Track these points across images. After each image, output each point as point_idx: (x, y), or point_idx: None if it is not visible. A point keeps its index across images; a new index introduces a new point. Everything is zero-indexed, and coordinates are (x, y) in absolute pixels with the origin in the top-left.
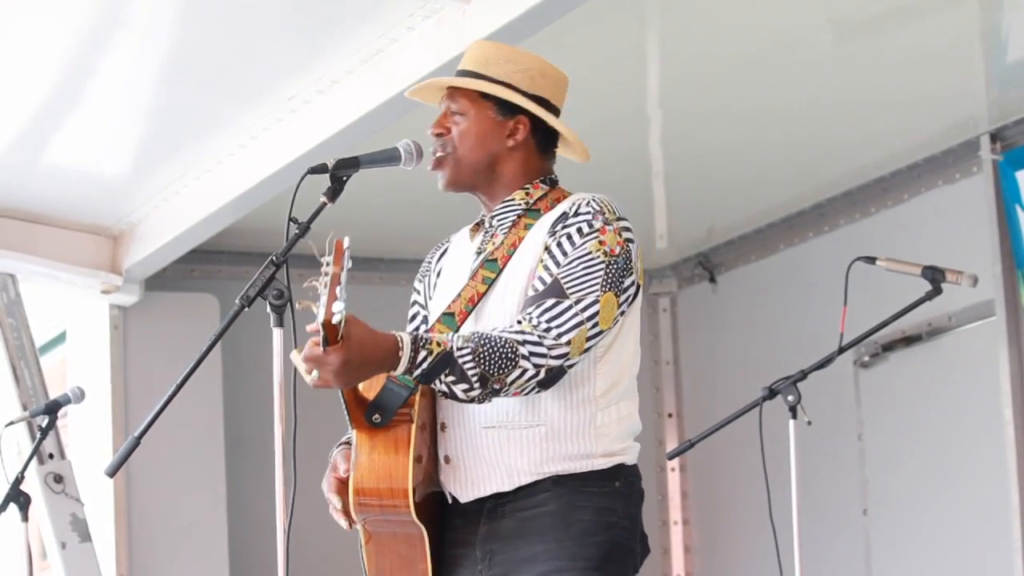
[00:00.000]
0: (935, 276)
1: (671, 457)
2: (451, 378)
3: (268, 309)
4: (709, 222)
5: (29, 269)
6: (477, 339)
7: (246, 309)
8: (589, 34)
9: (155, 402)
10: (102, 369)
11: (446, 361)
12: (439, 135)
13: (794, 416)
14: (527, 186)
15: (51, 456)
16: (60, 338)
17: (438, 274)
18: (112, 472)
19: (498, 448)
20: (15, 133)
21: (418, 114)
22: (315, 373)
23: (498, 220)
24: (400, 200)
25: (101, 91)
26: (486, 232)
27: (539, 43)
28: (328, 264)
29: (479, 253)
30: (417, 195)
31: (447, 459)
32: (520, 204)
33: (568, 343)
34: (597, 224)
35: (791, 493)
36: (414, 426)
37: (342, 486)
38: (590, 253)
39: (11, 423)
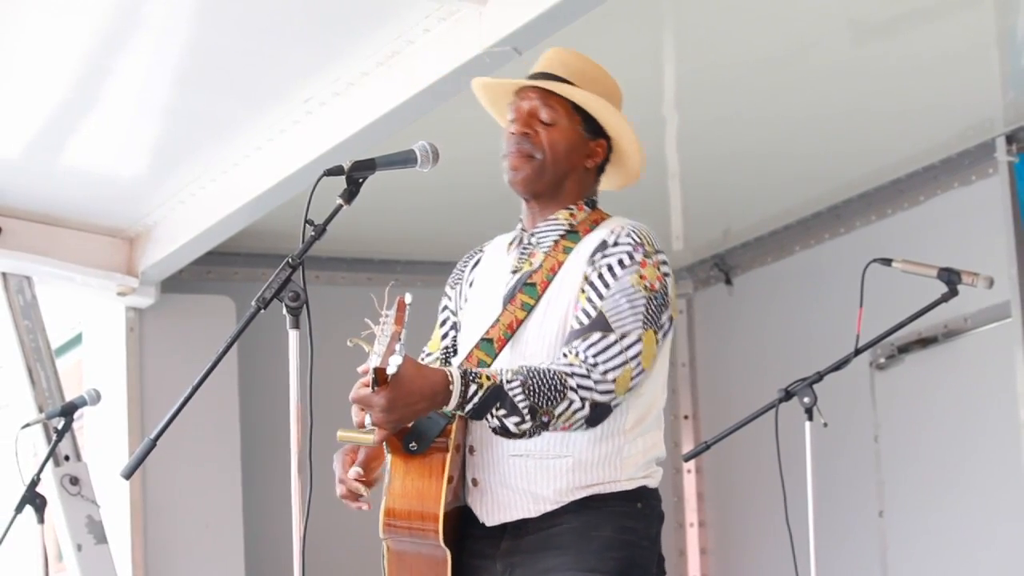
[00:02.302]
0: (951, 278)
1: (687, 459)
2: (502, 411)
3: (284, 311)
4: (725, 224)
5: (45, 271)
6: (526, 372)
7: (262, 311)
8: (605, 36)
9: (171, 404)
10: (118, 371)
11: (497, 394)
12: (524, 135)
13: (810, 418)
14: (572, 207)
15: (67, 458)
16: (76, 340)
17: (470, 284)
18: (128, 474)
19: (525, 476)
20: (32, 135)
21: (433, 116)
22: (368, 422)
23: (538, 238)
24: (415, 202)
25: (117, 93)
26: (524, 249)
27: (555, 45)
28: (388, 317)
29: (515, 272)
30: (433, 198)
31: (475, 482)
32: (563, 224)
33: (614, 381)
34: (637, 257)
35: (807, 495)
36: (449, 455)
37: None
38: (632, 287)
39: (27, 425)
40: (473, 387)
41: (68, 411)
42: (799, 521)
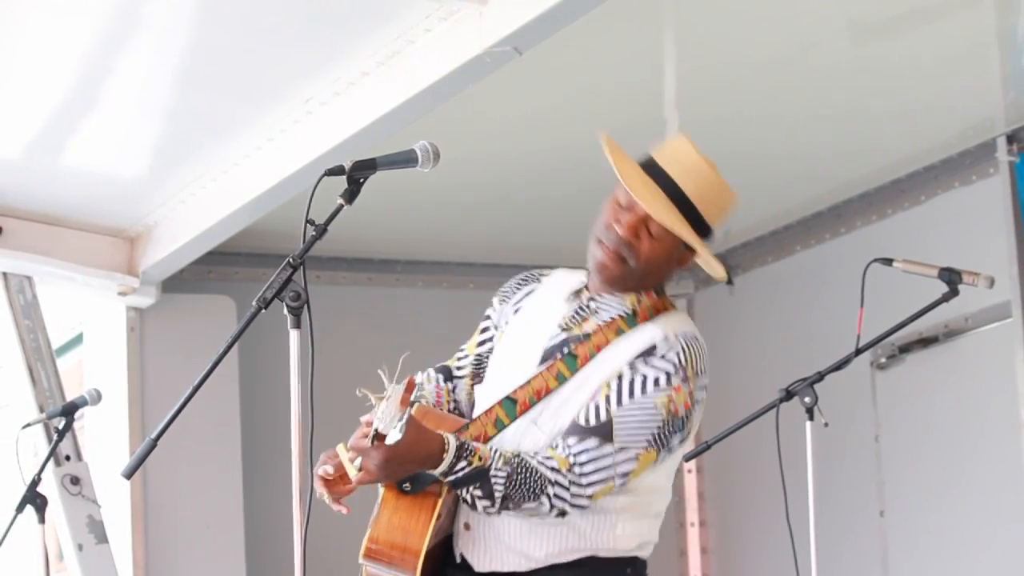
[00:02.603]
0: (952, 278)
1: (688, 459)
2: (478, 492)
3: (285, 311)
4: (726, 224)
5: (46, 271)
6: (515, 463)
7: (263, 311)
8: (606, 37)
9: (172, 404)
10: (119, 371)
11: (479, 476)
12: (628, 243)
13: (811, 417)
14: (641, 292)
15: (68, 458)
16: (77, 340)
17: (516, 311)
18: (129, 474)
19: (519, 535)
20: (32, 135)
21: (434, 116)
22: (358, 462)
23: (598, 306)
24: (416, 203)
25: (118, 93)
26: (580, 309)
27: (555, 45)
28: (397, 391)
29: (563, 329)
30: (434, 198)
31: (467, 526)
32: (628, 307)
33: (591, 496)
34: (676, 380)
35: (808, 495)
36: (442, 499)
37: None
38: (655, 407)
39: (28, 425)
40: (463, 463)
41: (69, 411)
42: (800, 521)
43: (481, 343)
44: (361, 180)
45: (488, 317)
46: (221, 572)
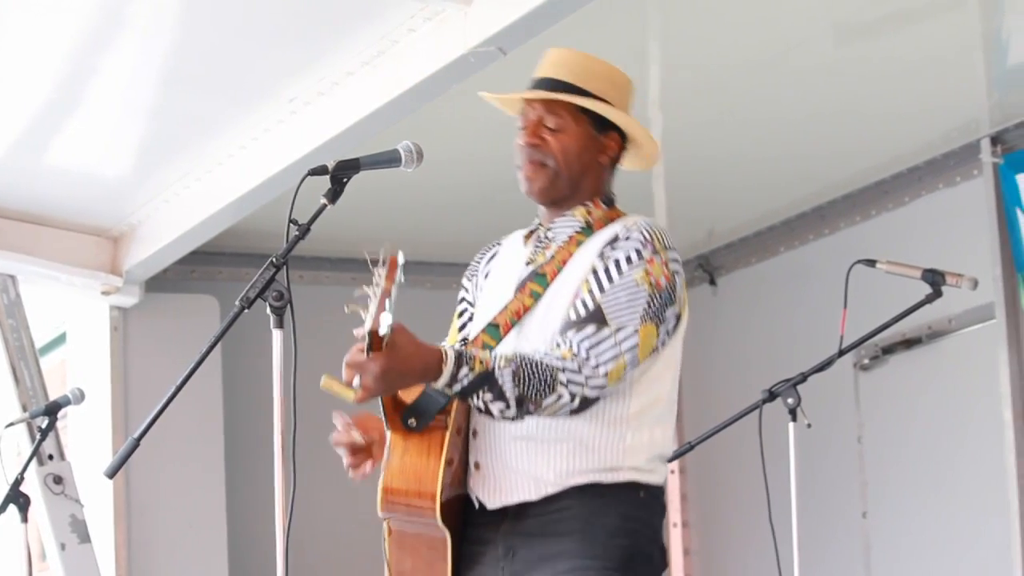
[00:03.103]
0: (935, 279)
1: (671, 459)
2: (488, 396)
3: (268, 311)
4: (709, 224)
5: (29, 270)
6: (519, 361)
7: (246, 311)
8: (590, 37)
9: (155, 403)
10: (102, 370)
11: (486, 379)
12: (534, 145)
13: (794, 418)
14: (588, 203)
15: (51, 457)
16: (60, 339)
17: (486, 276)
18: (112, 473)
19: (527, 459)
20: (16, 134)
21: (418, 116)
22: (356, 382)
23: (555, 233)
24: (400, 203)
25: (102, 93)
26: (539, 242)
27: (540, 45)
28: (380, 276)
29: (528, 263)
30: (418, 198)
31: (477, 465)
32: (580, 221)
33: (605, 375)
34: (646, 254)
35: (790, 496)
36: (448, 432)
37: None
38: (635, 282)
39: (11, 424)
40: (464, 369)
41: (52, 410)
42: (783, 522)
43: (462, 327)
44: (344, 180)
45: (462, 300)
46: (204, 571)
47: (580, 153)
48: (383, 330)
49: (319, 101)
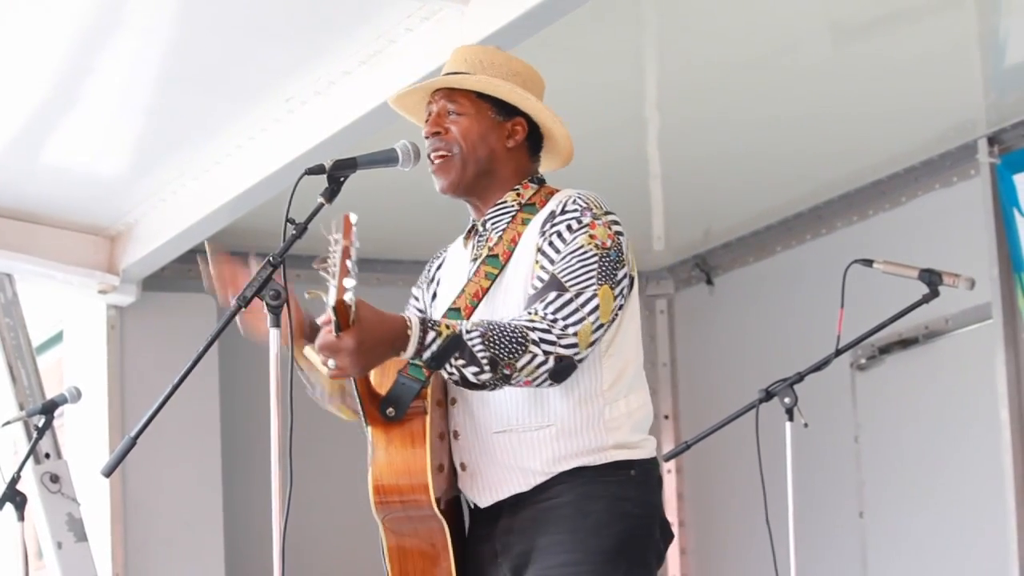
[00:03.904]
0: (932, 279)
1: (667, 459)
2: (461, 361)
3: (265, 310)
4: (706, 224)
5: (26, 269)
6: (486, 324)
7: (243, 309)
8: (587, 37)
9: (151, 402)
10: (99, 369)
11: (456, 344)
12: (436, 134)
13: (790, 418)
14: (517, 187)
15: (47, 456)
16: (57, 338)
17: (437, 283)
18: (108, 472)
19: (511, 452)
20: (13, 133)
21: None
22: (331, 363)
23: (491, 223)
24: (397, 202)
25: (99, 91)
26: (480, 236)
27: (537, 45)
28: (337, 241)
29: (475, 259)
30: (414, 197)
31: (463, 466)
32: (513, 205)
33: (575, 335)
34: (586, 220)
35: (787, 495)
36: (428, 418)
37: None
38: (582, 247)
39: (8, 423)
40: (432, 334)
41: (49, 409)
42: (779, 522)
43: None
44: (341, 179)
45: (410, 306)
46: (200, 570)
47: (483, 136)
48: (348, 295)
49: (316, 100)
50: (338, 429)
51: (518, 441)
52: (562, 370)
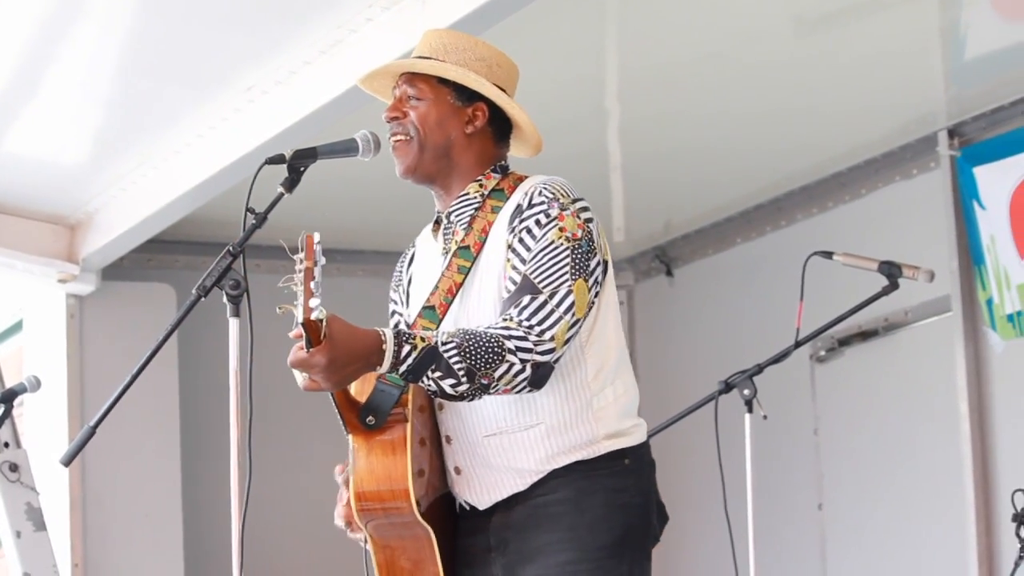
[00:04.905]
0: (892, 271)
1: None
2: (437, 373)
3: (224, 299)
4: (666, 216)
5: None
6: (462, 334)
7: (203, 299)
8: (548, 27)
9: (111, 391)
10: (58, 358)
11: (432, 356)
12: (395, 118)
13: (750, 410)
14: (480, 178)
15: (6, 445)
16: (16, 327)
17: (410, 281)
18: (67, 461)
19: (503, 454)
20: None
21: (377, 105)
22: (300, 379)
23: (456, 216)
24: (357, 192)
25: (59, 80)
26: (446, 230)
27: (498, 35)
28: (301, 261)
29: (446, 252)
30: (375, 188)
31: (458, 470)
32: (475, 197)
33: (552, 339)
34: (554, 212)
35: (746, 487)
36: (409, 425)
37: (351, 511)
38: (553, 243)
39: None
40: (407, 348)
41: (8, 398)
42: (738, 514)
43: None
44: (302, 169)
45: (393, 313)
46: (159, 560)
47: (440, 121)
48: (315, 314)
49: (276, 90)
50: (298, 420)
51: (509, 443)
52: (541, 377)
